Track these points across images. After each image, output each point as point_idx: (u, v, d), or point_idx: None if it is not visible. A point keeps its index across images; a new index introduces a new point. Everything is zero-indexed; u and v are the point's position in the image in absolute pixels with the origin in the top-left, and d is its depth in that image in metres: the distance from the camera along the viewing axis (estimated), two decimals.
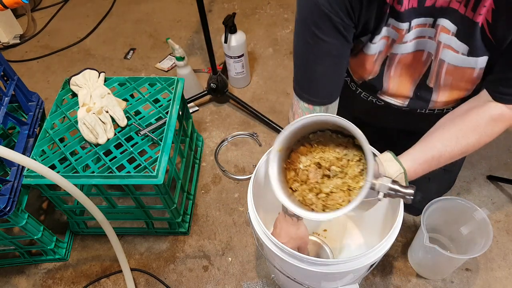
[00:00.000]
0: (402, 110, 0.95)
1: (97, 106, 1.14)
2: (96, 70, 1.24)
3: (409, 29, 0.74)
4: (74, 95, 1.22)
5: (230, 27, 1.48)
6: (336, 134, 0.72)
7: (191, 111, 1.62)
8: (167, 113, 1.15)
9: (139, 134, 1.12)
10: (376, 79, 0.88)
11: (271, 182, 0.68)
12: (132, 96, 1.24)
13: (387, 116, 1.00)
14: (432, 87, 0.86)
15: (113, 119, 1.14)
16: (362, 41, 0.79)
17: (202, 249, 1.25)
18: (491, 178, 1.31)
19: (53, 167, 1.06)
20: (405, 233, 1.21)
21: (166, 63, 1.84)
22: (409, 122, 0.98)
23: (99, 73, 1.23)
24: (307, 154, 0.72)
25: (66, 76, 1.25)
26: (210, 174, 1.43)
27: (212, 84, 1.54)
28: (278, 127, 1.51)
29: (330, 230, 1.18)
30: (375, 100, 0.97)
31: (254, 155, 1.47)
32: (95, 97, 1.16)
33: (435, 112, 0.93)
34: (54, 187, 1.04)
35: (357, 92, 0.99)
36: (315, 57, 0.76)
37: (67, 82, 1.24)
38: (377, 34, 0.76)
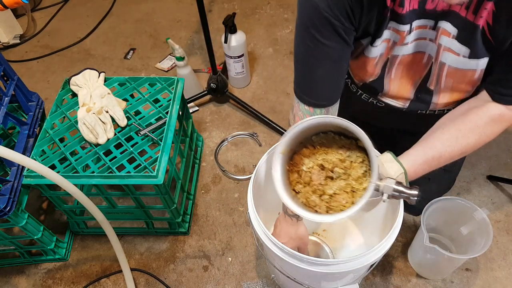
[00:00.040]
0: (402, 111, 0.95)
1: (97, 106, 1.14)
2: (96, 70, 1.24)
3: (410, 31, 0.74)
4: (74, 95, 1.22)
5: (230, 27, 1.48)
6: (339, 136, 0.72)
7: (191, 111, 1.62)
8: (167, 113, 1.15)
9: (139, 134, 1.12)
10: (377, 81, 0.88)
11: (275, 185, 0.68)
12: (132, 96, 1.24)
13: (387, 117, 1.00)
14: (433, 90, 0.86)
15: (113, 119, 1.14)
16: (362, 44, 0.79)
17: (202, 249, 1.25)
18: (491, 178, 1.31)
19: (53, 167, 1.06)
20: (405, 233, 1.21)
21: (166, 63, 1.84)
22: (409, 123, 0.98)
23: (99, 73, 1.23)
24: (310, 156, 0.72)
25: (66, 76, 1.25)
26: (210, 174, 1.43)
27: (212, 84, 1.54)
28: (278, 127, 1.51)
29: (330, 230, 1.18)
30: (376, 102, 0.97)
31: (254, 155, 1.47)
32: (95, 97, 1.16)
33: (436, 113, 0.93)
34: (54, 187, 1.04)
35: (358, 94, 0.99)
36: (316, 60, 0.76)
37: (67, 82, 1.24)
38: (378, 38, 0.76)
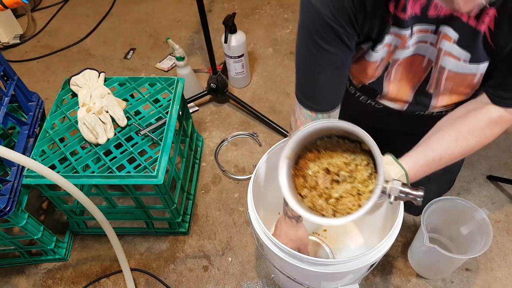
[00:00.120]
0: (400, 113, 0.95)
1: (97, 106, 1.14)
2: (96, 70, 1.24)
3: (411, 35, 0.74)
4: (74, 95, 1.22)
5: (230, 27, 1.48)
6: (343, 140, 0.72)
7: (191, 111, 1.62)
8: (167, 113, 1.15)
9: (139, 134, 1.12)
10: (376, 83, 0.88)
11: (282, 190, 0.68)
12: (132, 96, 1.24)
13: (386, 118, 1.00)
14: (432, 93, 0.86)
15: (113, 119, 1.14)
16: (363, 48, 0.79)
17: (202, 249, 1.25)
18: (491, 178, 1.31)
19: (53, 167, 1.06)
20: (405, 233, 1.21)
21: (166, 63, 1.84)
22: (407, 124, 0.98)
23: (99, 73, 1.23)
24: (315, 160, 0.72)
25: (66, 76, 1.25)
26: (210, 174, 1.43)
27: (212, 84, 1.54)
28: (278, 127, 1.51)
29: (330, 231, 1.18)
30: (374, 104, 0.97)
31: (254, 155, 1.47)
32: (95, 97, 1.16)
33: (434, 114, 0.93)
34: (54, 187, 1.04)
35: (356, 96, 0.99)
36: (318, 66, 0.76)
37: (67, 82, 1.24)
38: (379, 43, 0.76)
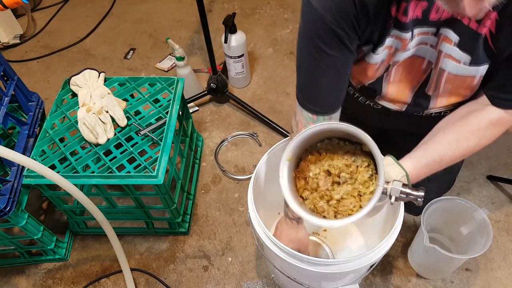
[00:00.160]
0: (399, 113, 0.95)
1: (97, 106, 1.14)
2: (96, 70, 1.24)
3: (412, 37, 0.74)
4: (74, 95, 1.22)
5: (230, 27, 1.48)
6: (344, 142, 0.72)
7: (191, 111, 1.62)
8: (167, 113, 1.15)
9: (139, 134, 1.12)
10: (375, 83, 0.88)
11: (283, 192, 0.68)
12: (132, 96, 1.24)
13: (385, 118, 1.00)
14: (431, 95, 0.86)
15: (113, 119, 1.14)
16: (363, 50, 0.79)
17: (202, 249, 1.25)
18: (491, 178, 1.31)
19: (53, 167, 1.06)
20: (405, 233, 1.21)
21: (166, 63, 1.84)
22: (406, 124, 0.98)
23: (99, 73, 1.23)
24: (316, 163, 0.73)
25: (66, 76, 1.25)
26: (210, 174, 1.43)
27: (212, 84, 1.54)
28: (278, 127, 1.51)
29: (331, 231, 1.18)
30: (373, 104, 0.97)
31: (254, 155, 1.47)
32: (95, 97, 1.16)
33: (432, 115, 0.93)
34: (54, 187, 1.04)
35: (355, 96, 0.99)
36: (320, 70, 0.76)
37: (67, 82, 1.24)
38: (380, 45, 0.75)
